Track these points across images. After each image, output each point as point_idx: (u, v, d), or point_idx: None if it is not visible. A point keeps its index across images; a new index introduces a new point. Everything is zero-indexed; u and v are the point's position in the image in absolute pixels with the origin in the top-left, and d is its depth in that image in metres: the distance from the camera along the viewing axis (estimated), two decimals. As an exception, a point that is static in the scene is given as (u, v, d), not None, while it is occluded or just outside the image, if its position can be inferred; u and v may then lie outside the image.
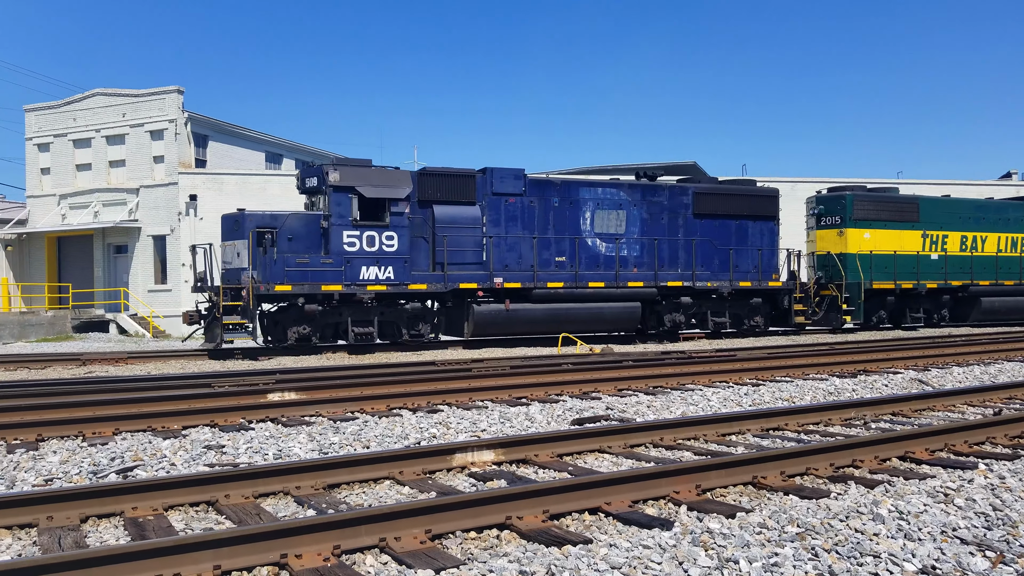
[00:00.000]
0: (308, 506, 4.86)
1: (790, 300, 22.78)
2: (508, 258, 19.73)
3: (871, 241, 24.36)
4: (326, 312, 18.00)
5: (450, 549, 3.99)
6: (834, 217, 24.70)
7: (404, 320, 18.82)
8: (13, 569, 3.25)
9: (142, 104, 35.22)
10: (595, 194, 20.92)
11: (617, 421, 7.86)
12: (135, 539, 4.19)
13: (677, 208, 21.67)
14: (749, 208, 22.44)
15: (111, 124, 35.57)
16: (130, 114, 35.33)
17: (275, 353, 17.55)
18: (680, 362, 12.79)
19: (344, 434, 7.18)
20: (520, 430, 7.46)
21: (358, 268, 18.00)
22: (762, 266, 22.53)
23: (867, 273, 23.98)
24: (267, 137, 41.47)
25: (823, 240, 24.89)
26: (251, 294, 16.83)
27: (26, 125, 36.91)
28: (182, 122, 34.34)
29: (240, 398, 9.08)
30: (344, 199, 17.89)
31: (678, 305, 21.42)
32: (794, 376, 11.59)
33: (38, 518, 4.42)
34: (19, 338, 27.98)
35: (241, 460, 6.20)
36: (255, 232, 17.17)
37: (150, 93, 35.25)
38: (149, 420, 7.48)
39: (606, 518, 4.54)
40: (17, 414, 7.77)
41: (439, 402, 8.93)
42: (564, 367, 12.07)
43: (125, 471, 5.81)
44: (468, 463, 5.75)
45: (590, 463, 6.05)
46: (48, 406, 8.18)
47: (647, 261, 21.13)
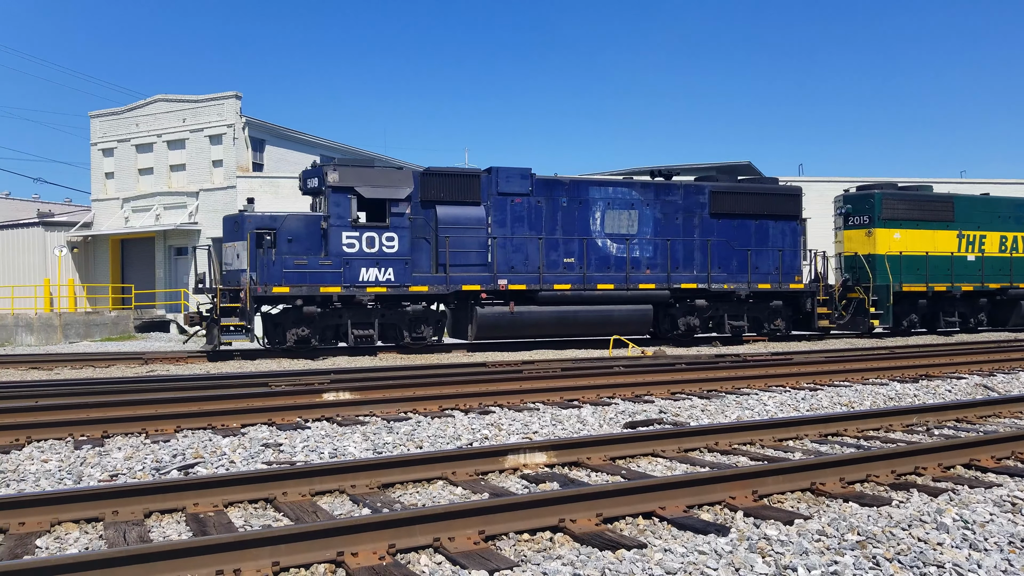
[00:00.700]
0: (363, 505, 4.91)
1: (813, 303, 21.82)
2: (514, 259, 19.23)
3: (901, 241, 23.32)
4: (325, 314, 17.79)
5: (503, 550, 4.00)
6: (862, 217, 23.68)
7: (406, 322, 18.42)
8: (81, 562, 3.36)
9: (201, 109, 36.12)
10: (606, 193, 20.23)
11: (670, 425, 7.79)
12: (196, 535, 4.29)
13: (693, 207, 20.86)
14: (770, 207, 21.50)
15: (172, 129, 36.55)
16: (190, 119, 36.26)
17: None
18: (735, 365, 12.60)
19: (397, 434, 7.25)
20: (572, 433, 7.44)
21: (357, 269, 17.70)
22: (783, 267, 21.60)
23: (896, 275, 22.94)
24: (321, 141, 42.13)
25: (851, 241, 23.89)
26: (248, 295, 16.73)
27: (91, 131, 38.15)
28: (240, 127, 35.10)
29: (296, 397, 9.24)
30: (343, 199, 17.61)
31: (692, 308, 20.64)
32: (853, 380, 11.33)
33: (104, 513, 4.55)
34: (84, 337, 28.91)
35: (298, 458, 6.31)
36: (253, 233, 17.04)
37: (209, 99, 36.13)
38: (209, 418, 7.66)
39: (660, 523, 4.50)
40: (84, 411, 8.03)
41: (491, 403, 8.96)
42: (616, 369, 12.00)
43: (186, 468, 5.96)
44: (520, 465, 5.76)
45: (643, 467, 6.00)
46: (113, 403, 8.43)
47: (660, 262, 20.42)
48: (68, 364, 15.86)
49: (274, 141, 37.84)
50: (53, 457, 6.26)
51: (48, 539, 4.25)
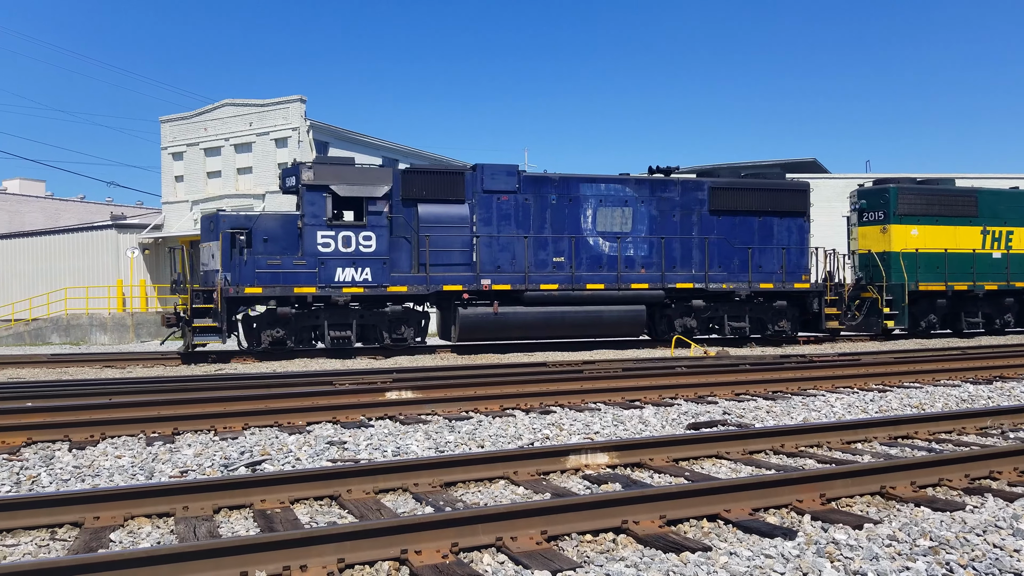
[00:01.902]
0: (426, 503, 4.94)
1: (820, 303, 20.78)
2: (501, 259, 18.65)
3: (919, 238, 22.06)
4: (302, 315, 17.50)
5: (566, 551, 3.97)
6: (877, 212, 22.46)
7: (385, 323, 18.01)
8: (153, 556, 3.45)
9: (267, 113, 36.95)
10: (597, 190, 19.50)
11: (735, 426, 7.65)
12: (263, 531, 4.37)
13: (691, 204, 20.04)
14: (774, 204, 20.54)
15: (239, 133, 37.48)
16: (256, 123, 37.12)
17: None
18: (800, 366, 12.32)
19: (459, 433, 7.28)
20: (634, 433, 7.37)
21: (333, 269, 17.32)
22: (788, 266, 20.58)
23: (912, 273, 21.74)
24: (383, 143, 42.66)
25: (865, 238, 22.74)
26: (220, 296, 16.56)
27: (162, 135, 39.39)
28: (304, 130, 35.79)
29: (360, 396, 9.37)
30: (318, 198, 17.24)
31: (689, 309, 19.87)
32: (923, 382, 10.97)
33: (175, 508, 4.68)
34: (155, 336, 29.86)
35: (361, 456, 6.38)
36: (226, 233, 16.87)
37: (275, 102, 36.94)
38: (276, 416, 7.82)
39: (725, 525, 4.42)
40: (155, 408, 8.28)
41: (551, 403, 8.93)
42: (678, 370, 11.85)
43: (254, 465, 6.09)
44: (582, 465, 5.72)
45: (707, 469, 5.90)
46: (183, 401, 8.68)
47: (656, 261, 19.63)
48: (139, 363, 16.39)
49: (337, 144, 38.48)
50: (126, 453, 6.46)
51: (121, 533, 4.38)
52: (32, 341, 32.01)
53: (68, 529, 4.46)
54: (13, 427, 7.02)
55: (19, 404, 8.78)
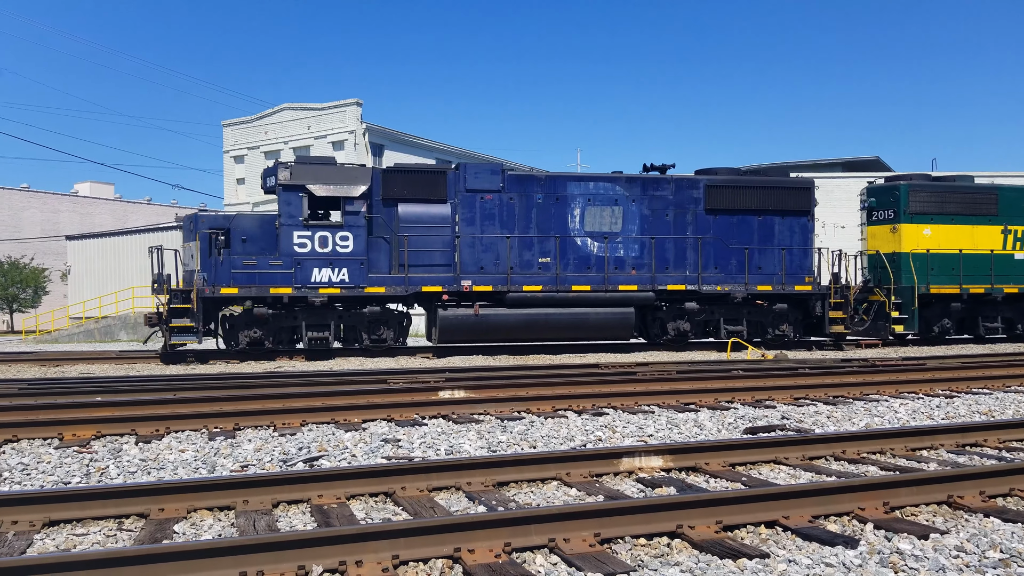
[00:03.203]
0: (479, 502, 4.96)
1: (824, 306, 19.80)
2: (484, 259, 18.22)
3: (932, 238, 20.84)
4: (279, 316, 17.36)
5: (619, 554, 3.94)
6: (887, 211, 21.27)
7: (364, 324, 17.79)
8: (216, 548, 3.54)
9: (325, 116, 37.56)
10: (586, 189, 18.92)
11: (794, 431, 7.50)
12: (320, 525, 4.44)
13: (685, 203, 19.33)
14: (776, 202, 19.68)
15: (297, 136, 38.19)
16: (314, 126, 37.76)
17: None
18: (862, 370, 12.02)
19: (511, 433, 7.29)
20: (688, 437, 7.28)
21: (309, 270, 17.12)
22: (790, 267, 19.70)
23: (923, 275, 20.59)
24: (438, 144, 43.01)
25: (874, 238, 21.60)
26: (196, 296, 16.54)
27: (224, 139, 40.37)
28: (360, 132, 36.29)
29: (413, 394, 9.45)
30: (294, 198, 17.07)
31: (682, 311, 19.19)
32: (993, 388, 10.59)
33: (235, 501, 4.78)
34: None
35: (415, 454, 6.44)
36: (204, 233, 16.83)
37: (332, 106, 37.54)
38: (332, 413, 7.94)
39: (784, 532, 4.33)
40: (217, 404, 8.48)
41: (604, 405, 8.88)
42: (734, 373, 11.67)
43: (311, 460, 6.19)
44: (635, 468, 5.67)
45: (765, 474, 5.80)
46: (243, 397, 8.87)
47: (647, 262, 19.00)
48: (200, 361, 16.81)
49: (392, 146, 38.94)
50: (189, 447, 6.63)
51: (184, 525, 4.50)
52: (101, 338, 33.18)
53: (134, 520, 4.59)
54: (84, 420, 7.27)
55: (89, 399, 9.10)
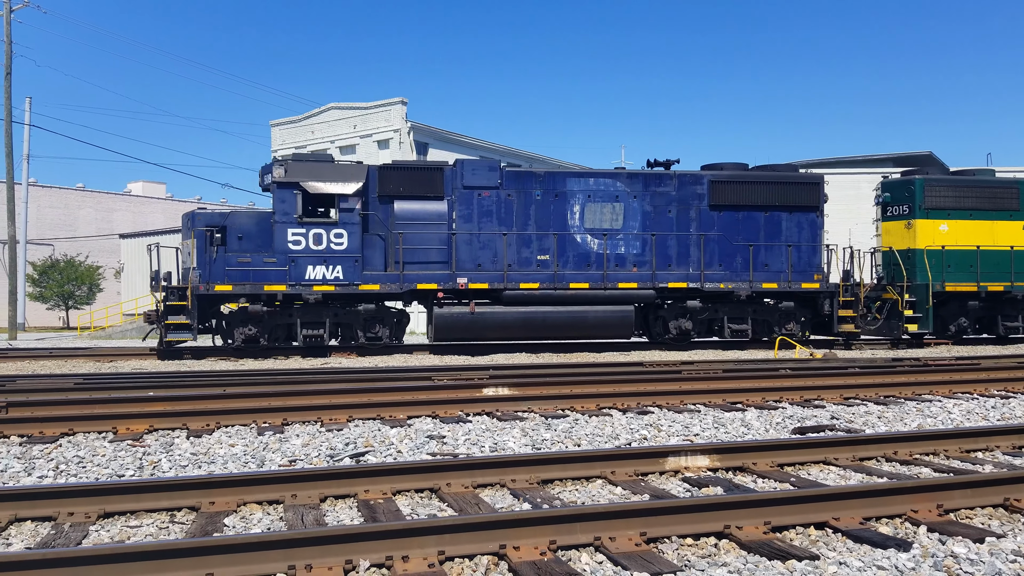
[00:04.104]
0: (523, 499, 4.96)
1: (833, 304, 19.25)
2: (482, 257, 18.11)
3: (949, 234, 20.10)
4: (274, 313, 17.42)
5: (666, 554, 3.91)
6: (901, 207, 20.62)
7: (360, 322, 17.75)
8: (265, 541, 3.59)
9: (370, 116, 37.91)
10: (586, 185, 18.71)
11: (843, 431, 7.35)
12: (367, 520, 4.48)
13: (688, 199, 18.99)
14: (783, 198, 19.21)
15: (344, 135, 38.62)
16: (360, 125, 38.14)
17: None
18: (914, 370, 11.74)
19: (555, 431, 7.28)
20: (735, 436, 7.19)
21: (304, 267, 17.17)
22: (798, 264, 19.20)
23: (938, 272, 19.86)
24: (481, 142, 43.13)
25: (889, 234, 20.95)
26: (191, 294, 16.66)
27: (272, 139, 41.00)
28: (405, 131, 36.55)
29: (458, 391, 9.49)
30: (289, 195, 17.11)
31: (684, 309, 18.85)
32: (1054, 389, 10.25)
33: (284, 495, 4.85)
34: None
35: (460, 451, 6.47)
36: (200, 231, 16.97)
37: (377, 105, 37.87)
38: (378, 409, 8.01)
39: (834, 534, 4.25)
40: (266, 400, 8.62)
41: (649, 403, 8.81)
42: (782, 372, 11.49)
43: (358, 456, 6.26)
44: (681, 467, 5.62)
45: (814, 475, 5.69)
46: (291, 393, 9.00)
47: (649, 259, 18.69)
48: (254, 358, 17.10)
49: (437, 144, 39.15)
50: (239, 442, 6.75)
51: (234, 518, 4.57)
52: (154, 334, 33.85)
53: (186, 513, 4.69)
54: (137, 415, 7.45)
55: (142, 393, 9.32)
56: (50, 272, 46.76)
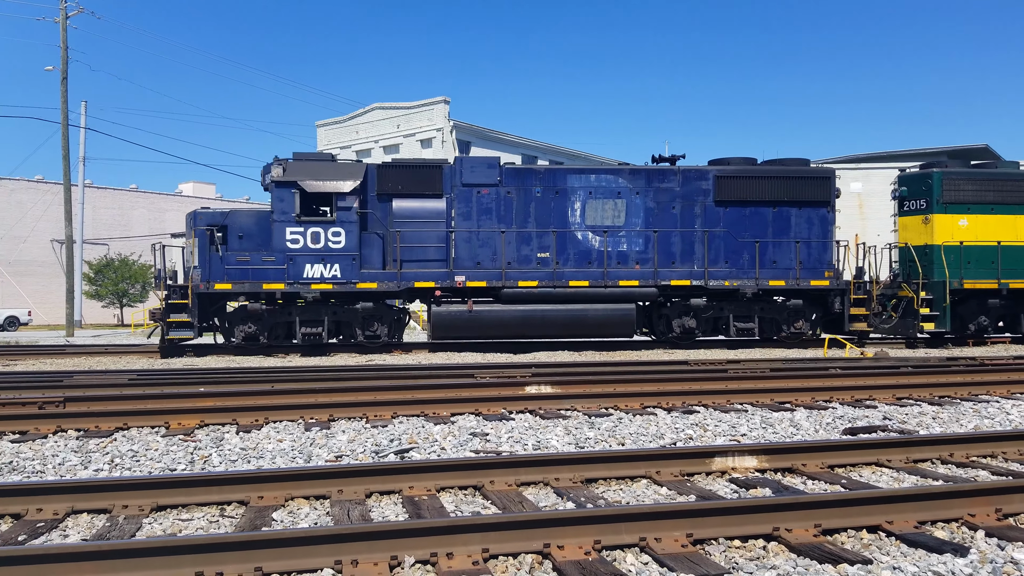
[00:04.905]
0: (567, 498, 4.94)
1: (844, 302, 18.71)
2: (481, 254, 18.08)
3: (968, 229, 19.29)
4: (274, 311, 17.58)
5: (713, 556, 3.85)
6: (918, 201, 19.84)
7: (359, 320, 17.84)
8: (312, 536, 3.63)
9: (413, 115, 38.17)
10: (587, 182, 18.51)
11: (896, 432, 7.18)
12: (412, 517, 4.50)
13: (693, 195, 18.69)
14: (792, 192, 18.77)
15: (387, 135, 38.94)
16: (403, 125, 38.42)
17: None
18: (970, 369, 11.42)
19: (599, 429, 7.23)
20: (784, 437, 7.07)
21: (302, 266, 17.28)
22: (808, 261, 18.71)
23: (956, 269, 19.11)
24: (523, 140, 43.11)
25: (906, 229, 20.22)
26: (191, 292, 16.95)
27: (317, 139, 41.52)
28: (448, 130, 36.73)
29: (500, 389, 9.50)
30: (287, 194, 17.24)
31: (688, 308, 18.61)
32: (1119, 391, 9.88)
33: (330, 491, 4.90)
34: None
35: (503, 448, 6.46)
36: (200, 230, 17.22)
37: (420, 104, 38.10)
38: (422, 406, 8.05)
39: (887, 538, 4.14)
40: (312, 396, 8.73)
41: (694, 403, 8.71)
42: (831, 371, 11.27)
43: (402, 452, 6.30)
44: (728, 468, 5.54)
45: (866, 477, 5.56)
46: (338, 389, 9.10)
47: (652, 256, 18.44)
48: (300, 354, 17.33)
49: (479, 142, 39.25)
50: (287, 437, 6.84)
51: (282, 512, 4.63)
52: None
53: (235, 507, 4.76)
54: (188, 410, 7.60)
55: (193, 389, 9.51)
56: (105, 271, 48.00)
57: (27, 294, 51.10)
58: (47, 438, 6.93)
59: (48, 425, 7.23)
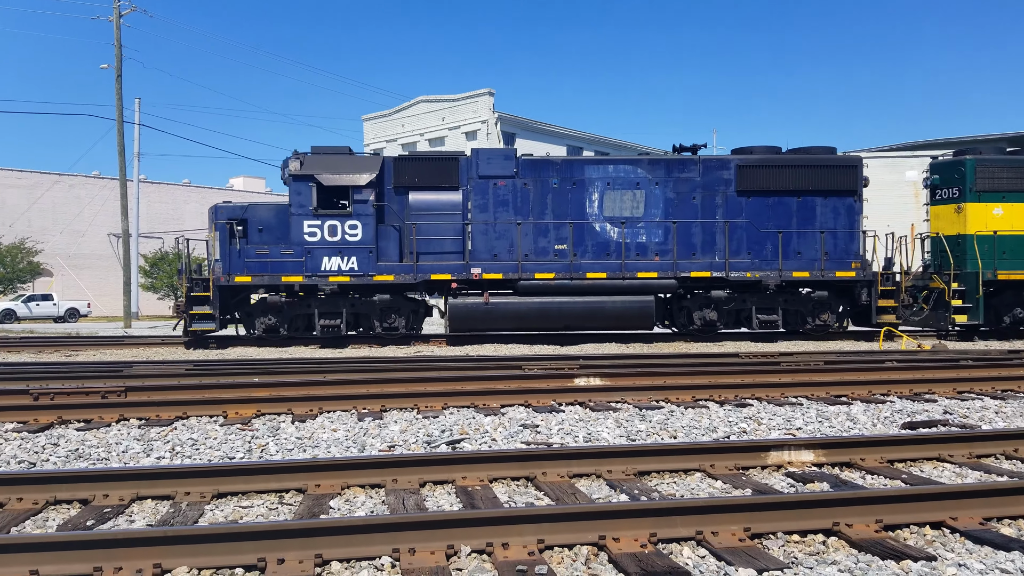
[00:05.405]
0: (620, 491, 4.92)
1: (871, 294, 18.05)
2: (498, 247, 17.92)
3: (1004, 219, 18.37)
4: (293, 303, 17.72)
5: (771, 550, 3.81)
6: (951, 189, 19.01)
7: (376, 312, 17.87)
8: (371, 524, 3.68)
9: (458, 108, 38.26)
10: (605, 172, 18.22)
11: (958, 427, 7.00)
12: (465, 507, 4.54)
13: (714, 185, 18.25)
14: (817, 182, 18.20)
15: (432, 128, 39.12)
16: (448, 117, 38.56)
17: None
18: (1032, 363, 11.07)
19: (650, 422, 7.19)
20: (841, 431, 6.94)
21: (319, 259, 17.35)
22: (834, 252, 18.12)
23: (990, 260, 18.23)
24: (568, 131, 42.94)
25: (938, 219, 19.36)
26: (212, 284, 17.19)
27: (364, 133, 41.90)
28: (492, 122, 36.74)
29: (549, 381, 9.49)
30: (304, 188, 17.34)
31: (709, 299, 18.20)
32: None
33: (385, 480, 4.96)
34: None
35: (553, 440, 6.47)
36: (221, 224, 17.36)
37: (465, 97, 38.18)
38: (472, 397, 8.10)
39: (951, 534, 4.05)
40: (364, 387, 8.83)
41: (747, 396, 8.60)
42: (888, 364, 11.03)
43: (453, 443, 6.35)
44: (784, 462, 5.46)
45: (927, 472, 5.44)
46: (389, 380, 9.19)
47: (671, 248, 18.08)
48: (352, 345, 17.53)
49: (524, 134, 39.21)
50: (341, 427, 6.94)
51: (339, 501, 4.70)
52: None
53: (293, 495, 4.85)
54: (245, 400, 7.75)
55: (248, 379, 9.70)
56: (160, 264, 49.11)
57: (86, 287, 52.63)
58: (110, 426, 7.13)
59: (111, 414, 7.45)
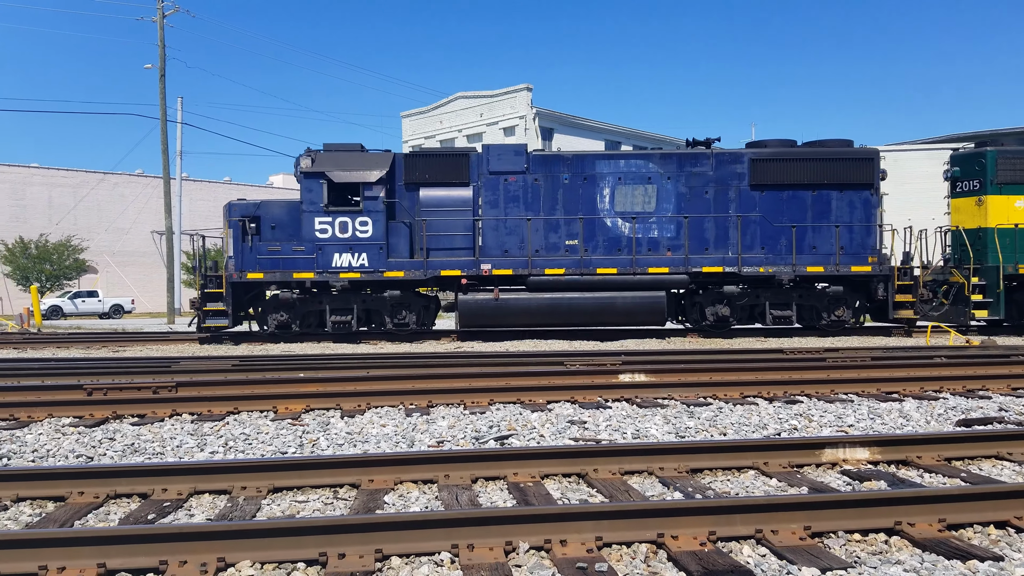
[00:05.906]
0: (674, 488, 4.89)
1: (888, 289, 17.69)
2: (508, 242, 17.92)
3: None
4: (304, 300, 17.89)
5: (832, 549, 3.75)
6: (971, 182, 18.58)
7: (387, 308, 17.97)
8: (427, 520, 3.70)
9: (496, 103, 38.30)
10: (616, 167, 18.13)
11: (1015, 424, 6.84)
12: (519, 503, 4.54)
13: (727, 179, 18.05)
14: (832, 175, 17.92)
15: (471, 124, 39.21)
16: (486, 113, 38.61)
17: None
18: (1090, 359, 10.77)
19: (699, 419, 7.14)
20: (894, 428, 6.82)
21: (330, 255, 17.51)
22: (850, 246, 17.81)
23: (1010, 253, 17.78)
24: (606, 126, 42.74)
25: (958, 212, 18.94)
26: (224, 281, 17.38)
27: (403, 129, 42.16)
28: (531, 117, 36.72)
29: (594, 377, 9.47)
30: (315, 185, 17.49)
31: (721, 295, 18.05)
32: None
33: (437, 476, 4.98)
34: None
35: (602, 437, 6.45)
36: (234, 221, 17.55)
37: (503, 93, 38.19)
38: (517, 393, 8.11)
39: (1017, 534, 3.96)
40: (410, 382, 8.89)
41: (796, 392, 8.50)
42: (937, 360, 10.82)
43: (502, 439, 6.36)
44: (839, 460, 5.38)
45: (986, 470, 5.33)
46: (435, 376, 9.24)
47: (683, 243, 17.93)
48: (392, 343, 17.69)
49: (562, 129, 39.13)
50: (389, 423, 7.00)
51: (393, 496, 4.74)
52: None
53: (347, 489, 4.90)
54: (294, 395, 7.85)
55: (294, 375, 9.82)
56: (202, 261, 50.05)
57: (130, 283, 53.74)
58: (164, 421, 7.27)
59: (164, 409, 7.59)
